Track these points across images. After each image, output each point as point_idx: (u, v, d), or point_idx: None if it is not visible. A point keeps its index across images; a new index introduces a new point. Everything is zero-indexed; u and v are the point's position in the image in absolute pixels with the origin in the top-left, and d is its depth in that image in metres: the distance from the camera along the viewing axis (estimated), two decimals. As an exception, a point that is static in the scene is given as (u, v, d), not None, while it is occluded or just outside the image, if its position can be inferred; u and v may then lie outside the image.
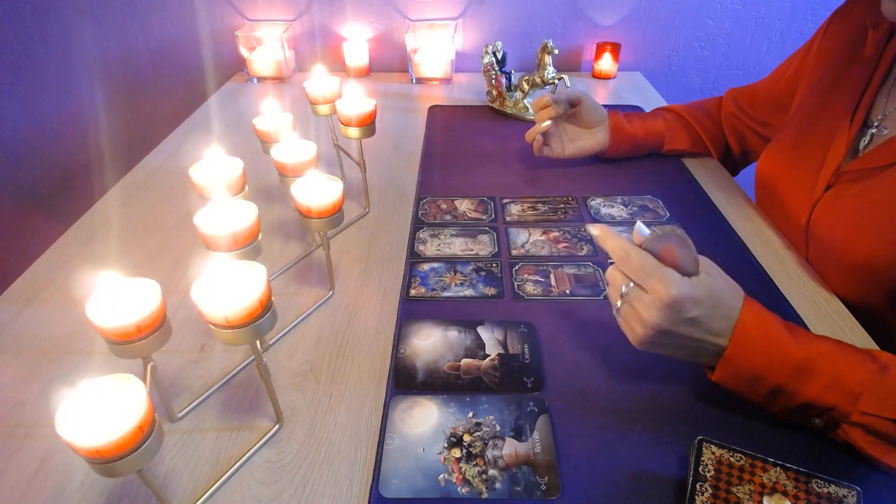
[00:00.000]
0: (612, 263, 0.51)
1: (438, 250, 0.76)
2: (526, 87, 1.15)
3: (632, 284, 0.48)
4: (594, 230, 0.51)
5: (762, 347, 0.47)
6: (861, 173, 0.65)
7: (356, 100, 0.75)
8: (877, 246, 0.61)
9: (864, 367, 0.46)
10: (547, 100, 0.88)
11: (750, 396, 0.49)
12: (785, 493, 0.43)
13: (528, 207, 0.85)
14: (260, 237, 0.55)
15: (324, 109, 0.81)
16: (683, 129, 0.97)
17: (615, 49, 1.39)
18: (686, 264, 0.48)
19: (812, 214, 0.70)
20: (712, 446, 0.46)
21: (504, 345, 0.61)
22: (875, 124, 0.67)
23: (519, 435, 0.51)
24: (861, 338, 0.61)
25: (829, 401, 0.45)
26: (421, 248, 0.76)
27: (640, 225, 0.49)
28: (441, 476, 0.48)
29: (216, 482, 0.48)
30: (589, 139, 0.93)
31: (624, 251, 0.48)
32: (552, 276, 0.71)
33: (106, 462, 0.35)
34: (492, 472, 0.48)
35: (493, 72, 1.18)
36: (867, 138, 0.67)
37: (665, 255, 0.48)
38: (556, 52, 1.09)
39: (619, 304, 0.49)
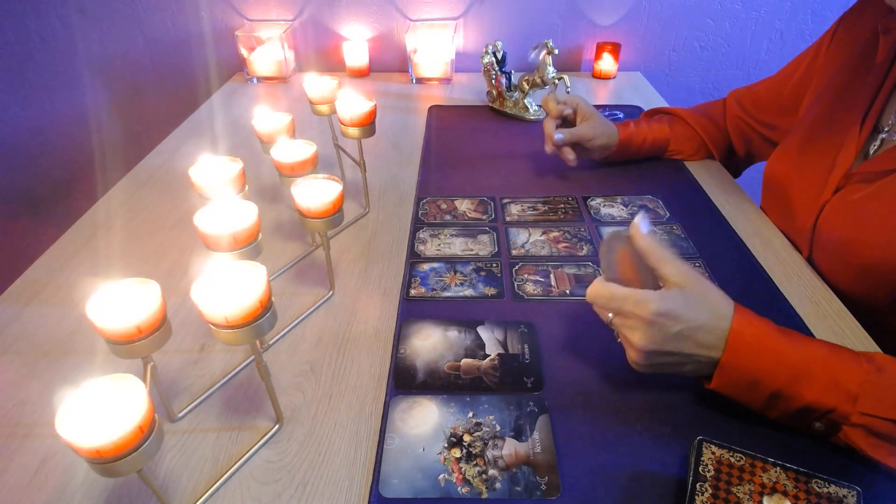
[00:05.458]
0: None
1: (438, 250, 0.76)
2: (526, 87, 1.15)
3: (611, 316, 0.50)
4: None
5: (757, 352, 0.47)
6: (871, 175, 0.65)
7: (355, 100, 0.75)
8: (886, 248, 0.61)
9: (860, 368, 0.46)
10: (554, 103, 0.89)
11: (749, 403, 0.49)
12: (785, 493, 0.43)
13: (528, 207, 0.85)
14: (260, 237, 0.55)
15: (323, 109, 0.81)
16: (688, 139, 0.96)
17: (615, 49, 1.39)
18: (639, 262, 0.50)
19: (820, 216, 0.70)
20: (712, 446, 0.46)
21: (504, 345, 0.61)
22: (885, 129, 0.67)
23: (519, 435, 0.51)
24: (861, 338, 0.61)
25: (827, 403, 0.45)
26: (421, 248, 0.76)
27: (639, 220, 0.50)
28: (441, 476, 0.48)
29: (216, 482, 0.48)
30: (589, 149, 0.92)
31: (592, 290, 0.51)
32: (552, 276, 0.71)
33: (106, 462, 0.35)
34: (492, 472, 0.48)
35: (493, 72, 1.18)
36: (877, 143, 0.67)
37: (622, 260, 0.51)
38: (557, 52, 1.09)
39: (616, 335, 0.52)
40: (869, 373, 0.46)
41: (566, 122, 0.91)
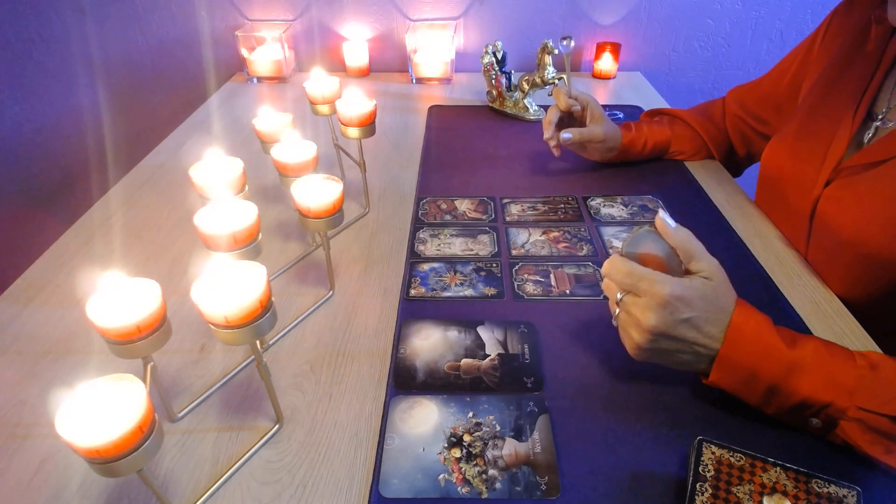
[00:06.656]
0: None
1: (438, 250, 0.76)
2: (526, 87, 1.15)
3: (619, 296, 0.49)
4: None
5: (754, 346, 0.47)
6: (864, 167, 0.65)
7: (356, 100, 0.75)
8: (882, 238, 0.61)
9: (854, 364, 0.47)
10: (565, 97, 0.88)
11: (746, 397, 0.49)
12: (785, 493, 0.43)
13: (528, 207, 0.85)
14: (260, 237, 0.55)
15: (324, 109, 0.81)
16: (688, 140, 0.96)
17: (615, 49, 1.39)
18: (670, 261, 0.49)
19: (816, 207, 0.70)
20: (712, 446, 0.46)
21: (504, 345, 0.61)
22: (879, 117, 0.67)
23: (519, 435, 0.51)
24: (861, 338, 0.61)
25: (823, 397, 0.46)
26: (421, 248, 0.76)
27: (663, 215, 0.49)
28: (441, 476, 0.48)
29: (216, 482, 0.48)
30: (591, 150, 0.92)
31: (609, 262, 0.50)
32: (552, 276, 0.71)
33: (106, 462, 0.35)
34: (492, 472, 0.48)
35: (493, 72, 1.18)
36: (871, 131, 0.67)
37: (647, 261, 0.49)
38: (557, 52, 1.09)
39: (616, 311, 0.51)
40: (863, 368, 0.46)
41: (571, 117, 0.90)
